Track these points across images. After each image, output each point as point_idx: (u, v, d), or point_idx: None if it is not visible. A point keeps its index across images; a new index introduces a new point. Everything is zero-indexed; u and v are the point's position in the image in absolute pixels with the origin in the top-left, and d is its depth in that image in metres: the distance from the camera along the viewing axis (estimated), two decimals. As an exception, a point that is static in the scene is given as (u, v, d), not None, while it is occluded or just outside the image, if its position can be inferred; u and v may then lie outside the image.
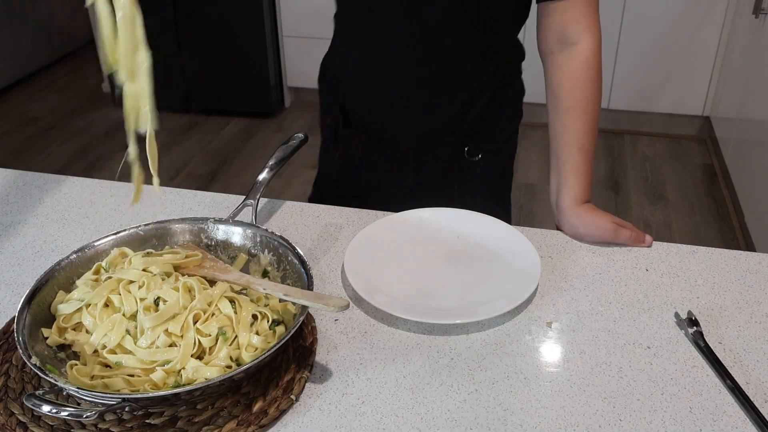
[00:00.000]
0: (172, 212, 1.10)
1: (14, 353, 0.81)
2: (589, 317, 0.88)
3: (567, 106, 1.07)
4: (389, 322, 0.87)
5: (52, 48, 4.41)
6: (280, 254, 0.88)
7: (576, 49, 1.05)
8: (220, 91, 3.69)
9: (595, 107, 1.08)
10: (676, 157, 3.32)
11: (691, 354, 0.82)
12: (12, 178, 1.20)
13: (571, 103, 1.06)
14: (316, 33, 3.57)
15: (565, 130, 1.07)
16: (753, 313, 0.89)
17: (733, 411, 0.75)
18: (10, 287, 0.94)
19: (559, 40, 1.07)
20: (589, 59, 1.05)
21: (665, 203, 2.97)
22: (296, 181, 3.14)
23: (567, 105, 1.07)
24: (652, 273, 0.96)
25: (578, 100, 1.06)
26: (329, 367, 0.81)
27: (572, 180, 1.06)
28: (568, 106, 1.06)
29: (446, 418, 0.74)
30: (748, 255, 1.00)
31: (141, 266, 0.83)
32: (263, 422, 0.73)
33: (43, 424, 0.73)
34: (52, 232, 1.05)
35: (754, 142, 2.68)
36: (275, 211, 1.11)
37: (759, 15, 2.71)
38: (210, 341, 0.75)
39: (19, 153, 3.44)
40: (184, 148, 3.46)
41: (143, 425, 0.73)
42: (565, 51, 1.06)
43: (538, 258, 0.95)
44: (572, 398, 0.76)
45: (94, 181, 1.19)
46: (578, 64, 1.06)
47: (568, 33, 1.06)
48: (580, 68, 1.06)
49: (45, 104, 3.95)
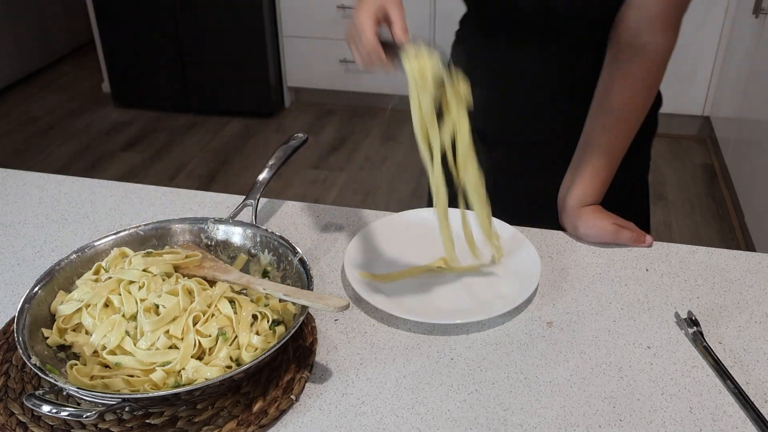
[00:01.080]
0: (172, 212, 1.10)
1: (14, 353, 0.81)
2: (589, 317, 0.88)
3: (613, 108, 1.02)
4: (389, 322, 0.87)
5: (52, 48, 4.41)
6: (280, 254, 0.88)
7: (645, 50, 0.98)
8: (220, 91, 3.69)
9: (639, 118, 1.03)
10: (676, 157, 3.32)
11: (691, 354, 0.82)
12: (12, 178, 1.20)
13: (617, 107, 1.01)
14: (316, 33, 3.57)
15: (602, 131, 1.03)
16: (753, 313, 0.89)
17: (733, 411, 0.75)
18: (10, 287, 0.94)
19: (631, 35, 0.99)
20: (654, 65, 0.99)
21: (665, 203, 2.97)
22: (296, 181, 3.14)
23: (613, 107, 1.02)
24: (652, 273, 0.96)
25: (626, 106, 1.01)
26: (329, 367, 0.81)
27: (587, 182, 1.03)
28: (614, 108, 1.02)
29: (446, 418, 0.74)
30: (748, 255, 1.00)
31: (141, 266, 0.83)
32: (263, 422, 0.73)
33: (43, 424, 0.73)
34: (52, 232, 1.05)
35: (754, 142, 2.68)
36: (275, 211, 1.11)
37: (759, 15, 2.71)
38: (210, 342, 0.75)
39: (19, 153, 3.44)
40: (184, 148, 3.46)
41: (143, 425, 0.73)
42: (633, 49, 0.99)
43: (538, 258, 0.95)
44: (572, 398, 0.76)
45: (94, 181, 1.19)
46: (640, 65, 0.99)
47: (642, 29, 0.97)
48: (641, 72, 0.99)
49: (45, 104, 3.95)
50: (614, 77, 1.01)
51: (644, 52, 0.99)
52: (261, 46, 3.51)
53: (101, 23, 3.65)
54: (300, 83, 3.75)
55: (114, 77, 3.79)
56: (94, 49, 3.98)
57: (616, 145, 1.03)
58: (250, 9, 3.43)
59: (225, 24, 3.49)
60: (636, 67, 0.99)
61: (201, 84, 3.69)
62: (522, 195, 1.19)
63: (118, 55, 3.70)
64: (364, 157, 3.34)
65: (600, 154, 1.03)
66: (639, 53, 0.99)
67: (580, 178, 1.04)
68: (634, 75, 1.00)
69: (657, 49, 0.99)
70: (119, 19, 3.59)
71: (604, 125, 1.03)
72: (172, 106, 3.79)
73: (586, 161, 1.04)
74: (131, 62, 3.70)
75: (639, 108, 1.03)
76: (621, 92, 1.01)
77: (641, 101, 1.02)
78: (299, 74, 3.71)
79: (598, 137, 1.04)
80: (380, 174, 3.21)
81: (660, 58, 0.99)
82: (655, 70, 1.00)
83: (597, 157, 1.03)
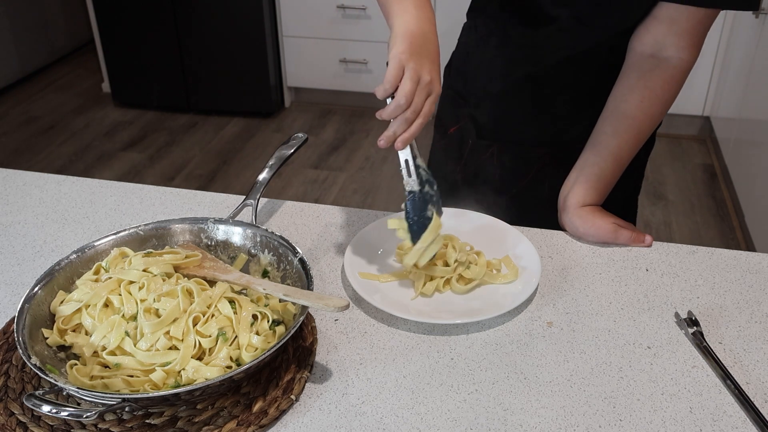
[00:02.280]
0: (172, 212, 1.10)
1: (14, 353, 0.81)
2: (589, 317, 0.88)
3: (627, 114, 1.01)
4: (389, 322, 0.87)
5: (52, 48, 4.41)
6: (280, 254, 0.88)
7: (668, 63, 0.99)
8: (220, 91, 3.69)
9: (652, 127, 1.03)
10: (676, 157, 3.32)
11: (691, 354, 0.82)
12: (12, 178, 1.20)
13: (633, 113, 1.01)
14: (316, 33, 3.57)
15: (613, 135, 1.02)
16: (753, 313, 0.89)
17: (733, 411, 0.75)
18: (10, 287, 0.94)
19: (656, 48, 0.99)
20: (674, 79, 0.99)
21: (665, 203, 2.97)
22: (296, 181, 3.14)
23: (628, 112, 1.01)
24: (652, 273, 0.96)
25: (642, 114, 1.01)
26: (329, 367, 0.81)
27: (591, 182, 1.03)
28: (628, 114, 1.01)
29: (446, 418, 0.74)
30: (748, 255, 1.00)
31: (141, 266, 0.83)
32: (263, 422, 0.73)
33: (43, 424, 0.73)
34: (52, 232, 1.05)
35: (754, 142, 2.68)
36: (275, 211, 1.11)
37: (759, 15, 2.71)
38: (210, 342, 0.75)
39: (19, 153, 3.44)
40: (184, 148, 3.46)
41: (143, 425, 0.73)
42: (656, 61, 0.99)
43: (538, 258, 0.94)
44: (572, 398, 0.76)
45: (94, 181, 1.19)
46: (660, 77, 0.99)
47: (665, 43, 0.98)
48: (662, 84, 0.99)
49: (45, 104, 3.95)
50: (633, 85, 1.01)
51: (667, 66, 0.99)
52: (261, 46, 3.51)
53: (101, 23, 3.65)
54: (300, 83, 3.75)
55: (114, 77, 3.79)
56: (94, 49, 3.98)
57: (625, 150, 1.03)
58: (250, 9, 3.43)
59: (225, 24, 3.49)
60: (657, 79, 1.00)
61: (201, 84, 3.69)
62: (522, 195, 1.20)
63: (118, 55, 3.70)
64: (364, 157, 3.34)
65: (607, 156, 1.03)
66: (661, 66, 0.99)
67: (584, 178, 1.04)
68: (654, 86, 1.00)
69: (681, 64, 0.99)
70: (119, 19, 3.59)
71: (616, 129, 1.03)
72: (172, 106, 3.79)
73: (592, 162, 1.04)
74: (131, 62, 3.70)
75: (654, 117, 1.02)
76: (638, 100, 1.01)
77: (657, 111, 1.02)
78: (299, 74, 3.71)
79: (607, 140, 1.03)
80: (380, 174, 3.21)
81: (681, 73, 1.00)
82: (675, 83, 1.00)
83: (604, 159, 1.03)
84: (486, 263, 0.94)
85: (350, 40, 3.53)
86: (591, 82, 1.09)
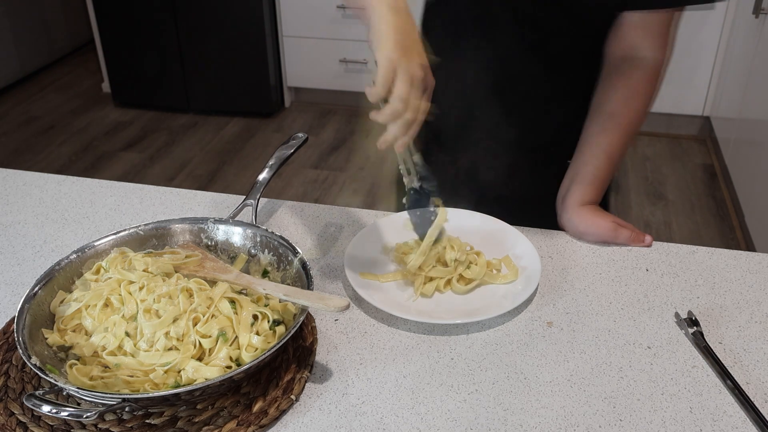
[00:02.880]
0: (172, 212, 1.10)
1: (14, 353, 0.81)
2: (589, 317, 0.88)
3: (613, 112, 1.04)
4: (389, 322, 0.87)
5: (52, 48, 4.41)
6: (280, 254, 0.88)
7: (643, 63, 1.02)
8: (220, 91, 3.69)
9: (639, 121, 1.05)
10: (676, 157, 3.32)
11: (691, 354, 0.82)
12: (12, 178, 1.20)
13: (617, 110, 1.04)
14: (316, 33, 3.57)
15: (602, 133, 1.04)
16: (753, 313, 0.89)
17: (733, 411, 0.75)
18: (10, 287, 0.94)
19: (629, 49, 1.03)
20: (652, 76, 1.03)
21: (665, 203, 2.97)
22: (296, 181, 3.14)
23: (613, 110, 1.04)
24: (652, 273, 0.96)
25: (626, 109, 1.04)
26: (329, 367, 0.81)
27: (587, 183, 1.04)
28: (614, 111, 1.04)
29: (446, 418, 0.74)
30: (748, 255, 1.00)
31: (141, 266, 0.83)
32: (263, 422, 0.73)
33: (43, 424, 0.73)
34: (52, 232, 1.05)
35: (754, 142, 2.68)
36: (275, 211, 1.11)
37: (759, 15, 2.71)
38: (210, 342, 0.75)
39: (19, 153, 3.44)
40: (184, 148, 3.46)
41: (143, 425, 0.73)
42: (632, 62, 1.03)
43: (538, 258, 0.95)
44: (572, 398, 0.76)
45: (94, 181, 1.19)
46: (639, 75, 1.03)
47: (639, 45, 1.02)
48: (639, 80, 1.03)
49: (45, 104, 3.95)
50: (614, 85, 1.05)
51: (645, 65, 1.03)
52: (261, 46, 3.52)
53: (101, 23, 3.65)
54: (300, 83, 3.75)
55: (114, 77, 3.79)
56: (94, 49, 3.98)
57: (616, 147, 1.04)
58: (250, 9, 3.43)
59: (225, 24, 3.49)
60: (636, 76, 1.04)
61: (201, 84, 3.69)
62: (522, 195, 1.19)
63: (118, 55, 3.70)
64: (364, 157, 3.34)
65: (600, 154, 1.04)
66: (639, 65, 1.03)
67: (579, 178, 1.05)
68: (634, 83, 1.04)
69: (656, 63, 1.03)
70: (119, 19, 3.59)
71: (604, 127, 1.05)
72: (172, 106, 3.79)
73: (587, 162, 1.05)
74: (131, 62, 3.70)
75: (639, 112, 1.05)
76: (621, 97, 1.04)
77: (641, 106, 1.05)
78: (299, 74, 3.71)
79: (597, 138, 1.05)
80: (380, 174, 3.21)
81: (657, 71, 1.04)
82: (654, 78, 1.04)
83: (597, 157, 1.04)
84: (486, 263, 0.94)
85: (350, 40, 3.53)
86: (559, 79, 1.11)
